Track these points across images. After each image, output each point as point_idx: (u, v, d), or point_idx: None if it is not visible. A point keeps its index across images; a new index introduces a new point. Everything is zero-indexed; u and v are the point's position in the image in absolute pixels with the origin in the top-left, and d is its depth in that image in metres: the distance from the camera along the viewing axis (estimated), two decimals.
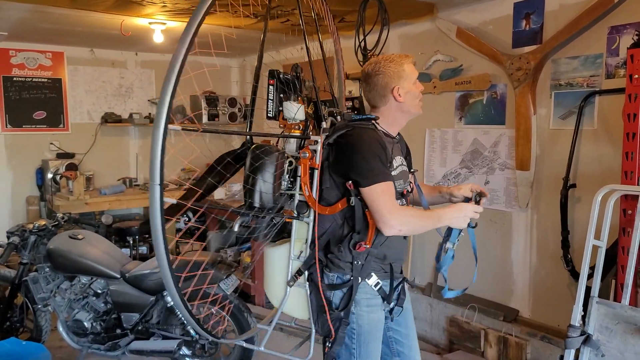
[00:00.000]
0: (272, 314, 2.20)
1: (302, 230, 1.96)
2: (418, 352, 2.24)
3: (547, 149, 3.41)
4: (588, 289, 2.40)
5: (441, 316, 4.03)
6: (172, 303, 3.24)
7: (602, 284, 2.54)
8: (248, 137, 2.07)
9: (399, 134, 2.13)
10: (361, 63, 4.34)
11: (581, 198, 3.23)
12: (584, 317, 2.34)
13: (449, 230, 1.96)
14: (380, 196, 1.81)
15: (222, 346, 3.36)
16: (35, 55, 5.41)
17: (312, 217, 1.91)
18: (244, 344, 2.05)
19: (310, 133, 1.97)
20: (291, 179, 1.93)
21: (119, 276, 3.28)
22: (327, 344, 1.94)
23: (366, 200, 1.84)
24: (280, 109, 1.99)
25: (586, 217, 2.43)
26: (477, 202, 2.02)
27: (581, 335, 2.28)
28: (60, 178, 5.26)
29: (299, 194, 1.91)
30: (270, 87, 1.98)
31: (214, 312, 2.98)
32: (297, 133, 1.96)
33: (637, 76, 2.30)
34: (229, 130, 1.74)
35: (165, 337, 3.28)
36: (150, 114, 6.04)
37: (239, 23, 4.30)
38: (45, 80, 5.49)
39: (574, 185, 3.22)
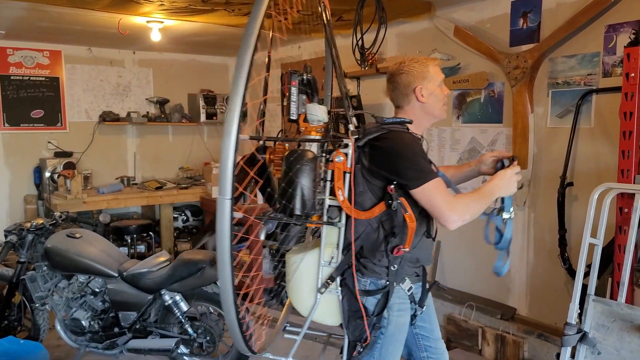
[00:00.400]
0: (282, 319, 2.18)
1: (331, 236, 1.91)
2: (443, 344, 2.26)
3: (545, 147, 3.41)
4: (585, 287, 2.41)
5: (439, 314, 4.01)
6: (170, 301, 3.24)
7: (599, 282, 2.55)
8: (261, 142, 2.00)
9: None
10: (359, 62, 4.34)
11: (578, 196, 3.23)
12: (580, 315, 2.35)
13: (501, 201, 1.96)
14: (434, 193, 1.79)
15: (220, 345, 3.36)
16: (32, 53, 5.40)
17: (343, 222, 1.87)
18: (271, 357, 1.99)
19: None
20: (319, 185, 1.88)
21: (116, 275, 3.28)
22: (359, 348, 1.92)
23: (421, 201, 1.81)
24: (303, 111, 1.94)
25: (583, 216, 2.43)
26: (509, 165, 2.04)
27: (577, 333, 2.29)
28: (58, 177, 5.25)
29: (329, 199, 1.87)
30: (293, 88, 1.93)
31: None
32: (318, 136, 1.92)
33: (633, 75, 2.30)
34: (297, 139, 1.74)
35: (163, 336, 3.28)
36: (148, 112, 6.03)
37: (237, 22, 4.30)
38: (43, 78, 5.48)
39: (571, 184, 3.23)
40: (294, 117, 1.93)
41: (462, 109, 3.91)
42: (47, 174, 5.34)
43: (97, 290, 3.30)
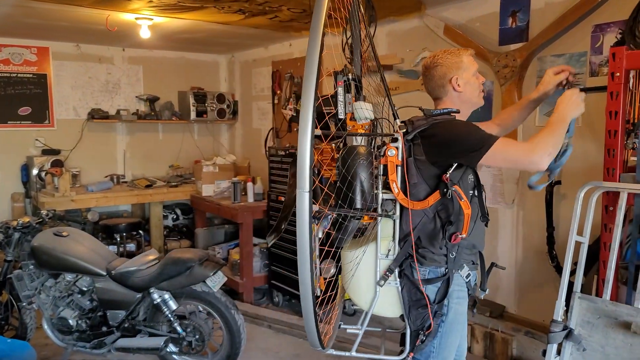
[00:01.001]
0: (337, 313, 2.18)
1: (386, 228, 1.96)
2: (466, 342, 2.29)
3: None
4: (571, 285, 2.43)
5: None
6: (158, 300, 3.23)
7: (585, 280, 2.57)
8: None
9: None
10: (349, 60, 4.33)
11: (566, 195, 3.26)
12: (566, 312, 2.37)
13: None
14: (506, 149, 1.81)
15: (209, 343, 3.35)
16: (20, 50, 5.35)
17: (398, 214, 1.91)
18: (334, 352, 2.01)
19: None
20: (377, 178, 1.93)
21: (104, 273, 3.26)
22: (421, 336, 1.94)
23: (497, 163, 1.85)
24: (350, 110, 1.97)
25: (571, 214, 2.45)
26: (571, 85, 2.06)
27: (563, 330, 2.31)
28: (46, 175, 5.22)
29: (383, 192, 1.91)
30: (339, 88, 1.97)
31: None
32: (399, 135, 1.95)
33: (618, 74, 2.32)
34: (362, 133, 1.78)
35: (151, 334, 3.27)
36: (137, 110, 6.00)
37: (227, 19, 4.29)
38: (30, 75, 5.43)
39: (559, 182, 3.25)
40: (341, 117, 1.97)
41: None
42: (35, 172, 5.30)
43: (84, 289, 3.29)
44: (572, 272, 2.42)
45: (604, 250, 2.42)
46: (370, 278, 1.97)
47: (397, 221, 1.91)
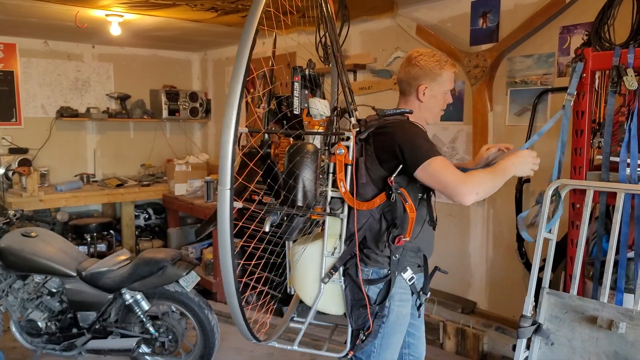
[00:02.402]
0: (290, 309, 2.21)
1: (334, 227, 1.96)
2: (424, 344, 2.30)
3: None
4: (540, 281, 2.48)
5: None
6: (130, 300, 3.19)
7: (553, 276, 2.64)
8: (266, 135, 2.03)
9: None
10: (322, 59, 4.34)
11: (535, 192, 3.32)
12: (535, 308, 2.42)
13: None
14: (442, 170, 1.79)
15: (183, 343, 3.32)
16: None
17: (346, 213, 1.91)
18: (277, 345, 2.04)
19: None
20: (322, 177, 1.92)
21: (74, 274, 3.21)
22: (361, 336, 1.95)
23: (429, 180, 1.81)
24: (305, 105, 1.96)
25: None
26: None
27: (532, 325, 2.36)
28: (13, 174, 5.09)
29: (332, 190, 1.90)
30: (296, 83, 1.96)
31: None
32: (321, 130, 1.96)
33: (584, 75, 2.38)
34: (294, 131, 1.76)
35: (123, 336, 3.22)
36: (108, 108, 5.90)
37: (199, 17, 4.25)
38: None
39: (528, 180, 3.32)
40: (296, 112, 1.97)
41: None
42: (1, 171, 5.16)
43: (54, 290, 3.22)
44: (541, 269, 2.48)
45: (571, 246, 2.48)
46: (315, 274, 1.98)
47: (345, 220, 1.91)
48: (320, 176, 1.89)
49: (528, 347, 2.40)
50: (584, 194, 2.38)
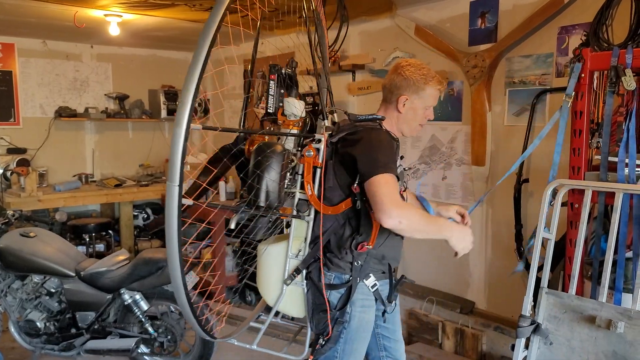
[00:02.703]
0: (257, 310, 2.19)
1: (300, 229, 1.94)
2: (403, 346, 2.28)
3: (502, 145, 3.50)
4: (539, 280, 2.49)
5: (400, 309, 4.07)
6: (129, 300, 3.19)
7: (552, 275, 2.64)
8: (241, 134, 2.04)
9: None
10: (319, 58, 4.34)
11: (534, 192, 3.33)
12: (534, 307, 2.42)
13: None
14: (382, 186, 1.76)
15: (182, 344, 3.32)
16: None
17: (312, 216, 1.89)
18: (236, 343, 2.05)
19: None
20: (291, 177, 1.90)
21: (73, 274, 3.20)
22: (321, 341, 1.93)
23: (368, 191, 1.78)
24: (280, 104, 1.95)
25: (538, 211, 2.51)
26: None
27: (531, 324, 2.36)
28: (12, 174, 5.08)
29: (300, 192, 1.89)
30: (272, 82, 1.95)
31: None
32: (296, 130, 1.94)
33: (583, 75, 2.38)
34: (248, 130, 1.76)
35: (122, 336, 3.22)
36: (107, 108, 5.89)
37: (198, 17, 4.25)
38: None
39: (527, 180, 3.32)
40: (271, 110, 1.95)
41: None
42: (0, 171, 5.15)
43: (53, 290, 3.22)
44: (540, 269, 2.48)
45: (569, 246, 2.49)
46: (279, 275, 1.96)
47: (310, 223, 1.90)
48: (290, 176, 1.88)
49: (527, 346, 2.40)
50: (582, 194, 2.38)
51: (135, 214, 5.88)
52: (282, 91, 1.96)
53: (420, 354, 3.62)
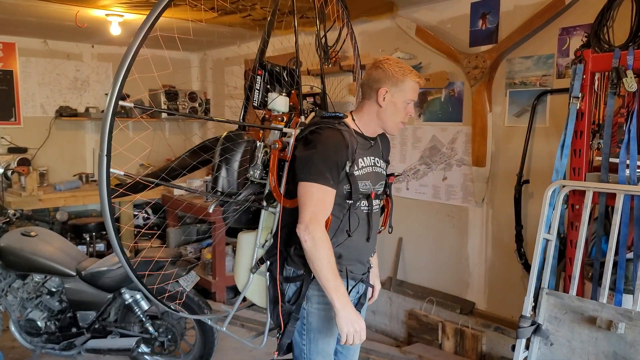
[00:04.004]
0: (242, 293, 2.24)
1: (270, 220, 1.98)
2: (357, 353, 2.27)
3: (502, 145, 3.51)
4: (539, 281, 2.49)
5: (400, 310, 4.10)
6: (130, 300, 3.19)
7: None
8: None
9: (383, 135, 2.09)
10: (321, 59, 4.36)
11: (534, 193, 3.33)
12: (534, 308, 2.43)
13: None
14: (305, 195, 1.79)
15: (182, 343, 3.32)
16: None
17: (278, 208, 1.92)
18: (209, 322, 2.21)
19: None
20: (266, 169, 1.94)
21: (74, 274, 3.21)
22: (277, 335, 1.96)
23: (299, 196, 1.81)
24: (266, 99, 2.00)
25: (539, 212, 2.51)
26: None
27: (532, 325, 2.36)
28: (12, 173, 5.08)
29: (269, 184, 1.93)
30: (258, 77, 2.01)
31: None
32: (280, 125, 1.99)
33: (584, 76, 2.39)
34: (186, 114, 1.82)
35: (123, 335, 3.22)
36: None
37: (199, 17, 4.25)
38: None
39: (527, 181, 3.33)
40: (255, 104, 2.02)
41: (423, 107, 3.98)
42: (1, 171, 5.15)
43: (53, 289, 3.22)
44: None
45: (570, 247, 2.49)
46: (247, 263, 2.02)
47: (277, 215, 1.93)
48: (260, 167, 1.94)
49: (527, 347, 2.41)
50: (583, 195, 2.39)
51: (136, 213, 5.88)
52: (268, 86, 2.04)
53: (420, 355, 3.63)
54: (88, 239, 5.18)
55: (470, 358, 3.55)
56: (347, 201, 1.88)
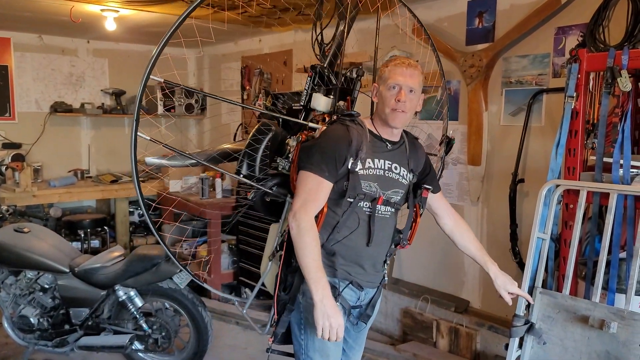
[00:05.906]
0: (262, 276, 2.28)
1: None
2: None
3: (498, 144, 3.51)
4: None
5: (395, 308, 4.10)
6: (124, 297, 3.18)
7: (546, 275, 2.64)
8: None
9: (416, 145, 2.14)
10: (318, 56, 4.35)
11: (529, 192, 3.34)
12: (528, 307, 2.43)
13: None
14: (299, 182, 1.85)
15: (176, 340, 3.32)
16: None
17: (288, 199, 2.00)
18: (235, 303, 2.30)
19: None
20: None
21: (67, 270, 3.19)
22: (272, 323, 1.97)
23: (296, 184, 1.88)
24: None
25: (534, 211, 2.52)
26: None
27: (525, 324, 2.37)
28: (6, 169, 5.06)
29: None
30: (308, 78, 2.14)
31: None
32: (321, 125, 2.06)
33: (579, 76, 2.39)
34: (232, 101, 1.90)
35: (116, 332, 3.22)
36: (103, 104, 5.87)
37: (196, 13, 4.23)
38: None
39: (522, 180, 3.33)
40: (302, 103, 2.14)
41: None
42: None
43: (46, 286, 3.21)
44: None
45: (564, 246, 2.50)
46: (270, 252, 2.08)
47: (287, 205, 2.02)
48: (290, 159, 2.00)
49: (520, 346, 2.41)
50: (577, 194, 2.39)
51: (131, 210, 5.87)
52: (316, 87, 2.14)
53: (415, 353, 3.63)
54: (82, 235, 5.16)
55: (464, 356, 3.55)
56: (348, 199, 1.87)
